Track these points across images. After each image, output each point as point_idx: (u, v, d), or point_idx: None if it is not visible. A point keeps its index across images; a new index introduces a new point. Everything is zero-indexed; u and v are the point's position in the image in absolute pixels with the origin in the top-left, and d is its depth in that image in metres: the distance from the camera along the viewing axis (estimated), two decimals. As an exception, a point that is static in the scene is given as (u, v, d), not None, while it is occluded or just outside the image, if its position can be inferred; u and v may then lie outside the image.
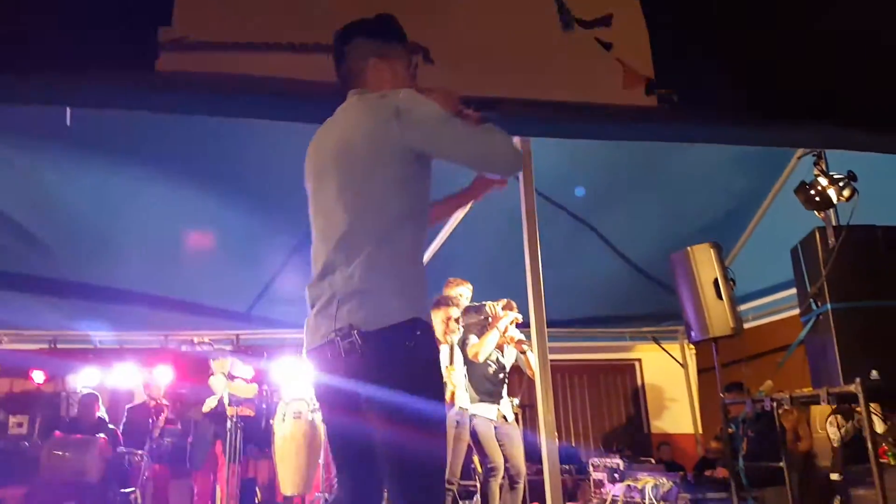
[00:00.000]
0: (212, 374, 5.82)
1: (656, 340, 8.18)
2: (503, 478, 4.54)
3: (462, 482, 5.26)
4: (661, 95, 2.82)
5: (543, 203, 4.89)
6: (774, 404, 3.99)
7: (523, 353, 4.82)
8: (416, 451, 1.63)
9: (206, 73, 2.47)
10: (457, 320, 4.52)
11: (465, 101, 2.03)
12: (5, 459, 6.44)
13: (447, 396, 4.31)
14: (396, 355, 1.66)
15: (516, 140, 2.56)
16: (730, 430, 4.40)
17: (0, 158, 4.58)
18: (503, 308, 4.67)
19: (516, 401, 5.37)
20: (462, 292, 4.68)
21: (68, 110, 3.38)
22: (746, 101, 2.93)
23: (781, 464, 3.99)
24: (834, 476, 4.62)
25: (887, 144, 3.04)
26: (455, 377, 4.50)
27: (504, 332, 4.61)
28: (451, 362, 4.51)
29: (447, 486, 4.20)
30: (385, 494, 1.80)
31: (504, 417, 4.71)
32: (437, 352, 1.79)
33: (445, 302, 4.51)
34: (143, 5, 2.45)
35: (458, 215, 4.63)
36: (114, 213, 5.28)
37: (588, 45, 2.84)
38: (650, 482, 4.87)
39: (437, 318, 4.40)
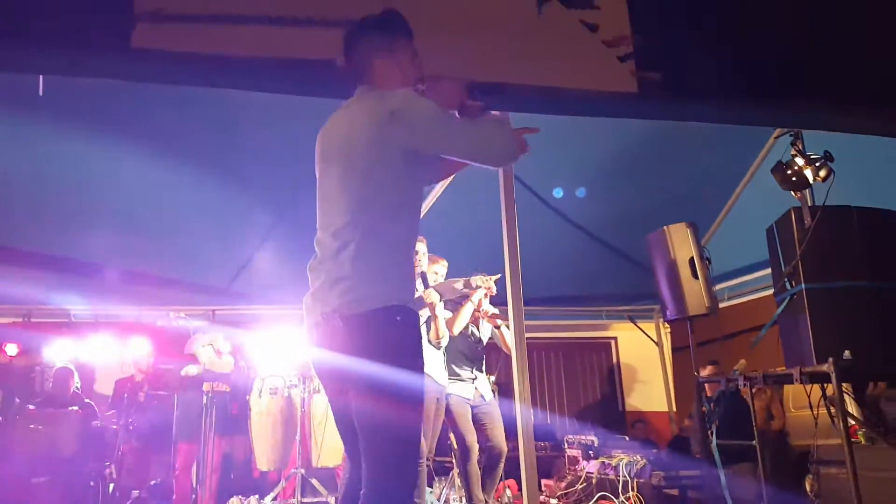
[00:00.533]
0: (199, 344, 5.76)
1: (632, 319, 8.25)
2: (483, 458, 4.53)
3: (438, 458, 5.31)
4: (642, 78, 2.81)
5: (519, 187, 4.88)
6: (748, 383, 4.05)
7: (497, 328, 4.80)
8: (388, 426, 1.77)
9: (182, 45, 2.41)
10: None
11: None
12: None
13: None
14: (375, 337, 1.79)
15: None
16: (703, 408, 4.46)
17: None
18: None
19: (492, 378, 5.39)
20: (436, 269, 4.63)
21: (41, 79, 3.30)
22: (730, 80, 2.93)
23: (754, 442, 4.05)
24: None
25: (870, 126, 3.05)
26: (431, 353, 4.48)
27: (479, 307, 4.58)
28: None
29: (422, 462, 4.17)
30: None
31: (482, 396, 4.70)
32: (419, 337, 1.92)
33: None
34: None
35: (437, 191, 4.60)
36: (90, 185, 5.18)
37: (569, 27, 2.82)
38: (624, 459, 4.93)
39: None
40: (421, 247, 4.26)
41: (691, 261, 4.54)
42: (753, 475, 4.37)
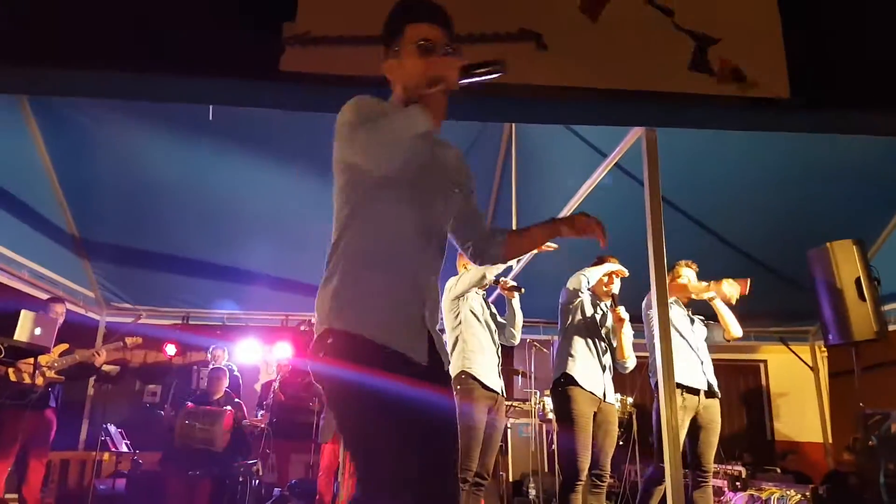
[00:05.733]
0: None
1: (784, 341, 7.69)
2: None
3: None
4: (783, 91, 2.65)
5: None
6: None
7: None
8: (356, 444, 1.61)
9: (327, 67, 2.51)
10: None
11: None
12: (144, 426, 6.96)
13: None
14: (321, 357, 1.65)
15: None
16: (870, 442, 4.05)
17: (148, 146, 4.92)
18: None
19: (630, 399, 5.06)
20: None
21: (210, 107, 3.57)
22: (881, 89, 2.68)
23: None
24: None
25: None
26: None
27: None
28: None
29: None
30: None
31: None
32: (358, 369, 1.60)
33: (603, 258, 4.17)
34: (269, 2, 2.52)
35: (574, 203, 4.46)
36: (245, 200, 5.61)
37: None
38: (776, 493, 4.58)
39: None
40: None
41: (858, 281, 4.15)
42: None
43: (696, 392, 4.05)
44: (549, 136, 5.05)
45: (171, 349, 7.69)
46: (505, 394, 3.96)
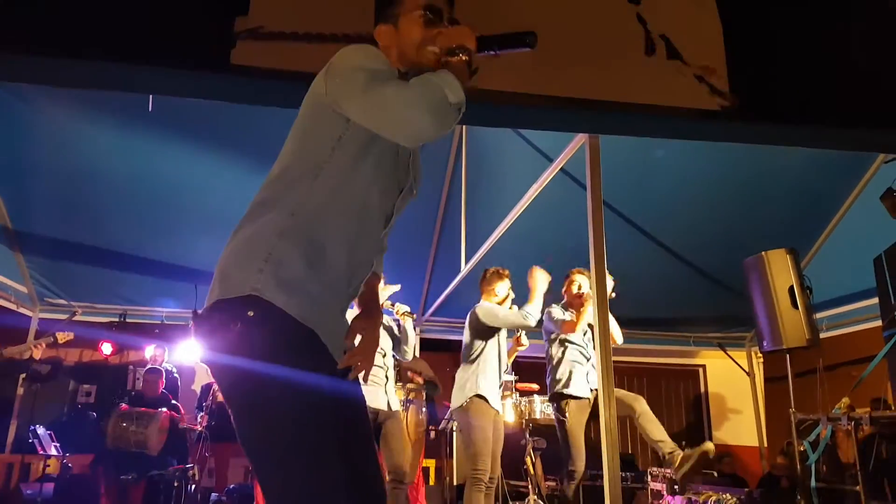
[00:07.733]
0: None
1: (722, 347, 7.91)
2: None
3: (512, 482, 5.22)
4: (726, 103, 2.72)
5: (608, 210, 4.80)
6: (852, 424, 3.78)
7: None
8: (252, 444, 1.36)
9: (279, 62, 2.47)
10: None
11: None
12: (76, 427, 6.70)
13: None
14: (222, 337, 1.36)
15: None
16: (801, 447, 4.18)
17: (86, 135, 4.74)
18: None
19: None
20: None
21: (150, 97, 3.45)
22: (823, 103, 2.79)
23: (858, 487, 3.77)
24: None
25: None
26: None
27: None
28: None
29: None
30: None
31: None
32: (281, 342, 1.36)
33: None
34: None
35: (517, 209, 4.49)
36: (187, 195, 5.45)
37: (661, 49, 2.77)
38: (713, 496, 4.68)
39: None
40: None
41: (791, 290, 4.30)
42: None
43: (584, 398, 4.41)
44: (499, 140, 5.09)
45: (106, 348, 7.43)
46: (392, 409, 4.16)
